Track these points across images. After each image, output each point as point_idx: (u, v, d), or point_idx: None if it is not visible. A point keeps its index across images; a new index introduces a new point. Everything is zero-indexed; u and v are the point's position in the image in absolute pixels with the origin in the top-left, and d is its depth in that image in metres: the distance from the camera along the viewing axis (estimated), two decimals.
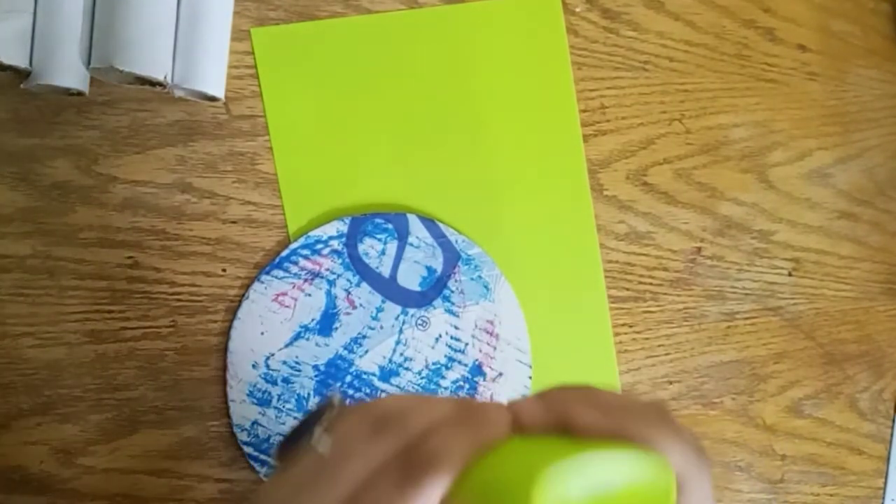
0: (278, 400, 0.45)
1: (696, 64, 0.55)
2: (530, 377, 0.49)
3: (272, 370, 0.45)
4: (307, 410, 0.30)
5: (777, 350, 0.57)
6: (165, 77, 0.41)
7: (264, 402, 0.45)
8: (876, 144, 0.61)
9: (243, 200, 0.46)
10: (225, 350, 0.44)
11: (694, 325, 0.54)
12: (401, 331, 0.47)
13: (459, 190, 0.49)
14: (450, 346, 0.47)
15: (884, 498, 0.60)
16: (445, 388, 0.47)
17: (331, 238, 0.46)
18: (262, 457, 0.45)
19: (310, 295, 0.46)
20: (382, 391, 0.46)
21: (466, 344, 0.48)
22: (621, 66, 0.53)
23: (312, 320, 0.46)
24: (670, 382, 0.54)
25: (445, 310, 0.47)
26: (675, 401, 0.54)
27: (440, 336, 0.47)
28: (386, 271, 0.47)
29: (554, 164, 0.51)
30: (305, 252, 0.45)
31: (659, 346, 0.53)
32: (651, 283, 0.53)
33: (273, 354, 0.45)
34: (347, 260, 0.46)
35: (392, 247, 0.47)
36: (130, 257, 0.44)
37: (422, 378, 0.47)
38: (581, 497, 0.19)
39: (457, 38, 0.49)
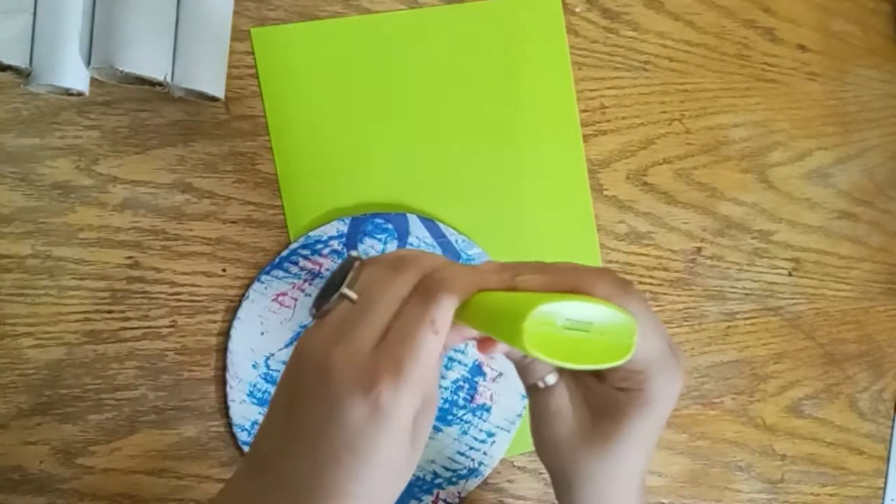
0: None
1: (696, 64, 0.55)
2: None
3: (272, 370, 0.45)
4: (330, 271, 0.32)
5: (777, 350, 0.57)
6: (165, 77, 0.41)
7: (264, 401, 0.45)
8: (876, 144, 0.61)
9: (243, 200, 0.46)
10: (225, 350, 0.44)
11: (694, 325, 0.55)
12: None
13: (459, 190, 0.49)
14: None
15: (884, 498, 0.60)
16: (445, 388, 0.47)
17: (331, 238, 0.46)
18: None
19: (310, 295, 0.45)
20: None
21: (466, 344, 0.48)
22: (621, 66, 0.53)
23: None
24: None
25: None
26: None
27: None
28: None
29: (554, 164, 0.51)
30: (305, 252, 0.45)
31: None
32: (651, 283, 0.53)
33: (273, 354, 0.45)
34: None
35: (392, 247, 0.47)
36: (130, 257, 0.44)
37: None
38: (561, 327, 0.25)
39: (457, 38, 0.49)
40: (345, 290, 0.28)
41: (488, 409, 0.48)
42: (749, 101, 0.56)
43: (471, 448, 0.48)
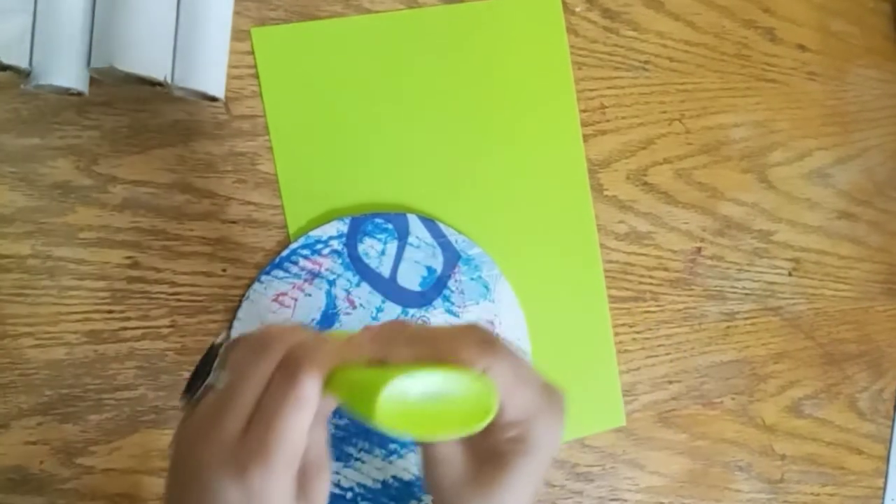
0: None
1: (696, 64, 0.55)
2: None
3: None
4: (201, 358, 0.33)
5: (777, 350, 0.57)
6: (165, 77, 0.41)
7: None
8: (875, 144, 0.61)
9: (243, 200, 0.46)
10: None
11: (694, 324, 0.55)
12: None
13: (459, 190, 0.49)
14: None
15: (883, 497, 0.60)
16: None
17: (331, 238, 0.46)
18: None
19: (310, 295, 0.45)
20: None
21: None
22: (621, 65, 0.53)
23: (312, 320, 0.46)
24: (670, 382, 0.54)
25: (445, 310, 0.47)
26: (676, 400, 0.54)
27: None
28: (386, 271, 0.47)
29: (554, 164, 0.51)
30: (305, 252, 0.45)
31: (659, 345, 0.54)
32: (651, 283, 0.53)
33: None
34: (347, 260, 0.46)
35: (392, 247, 0.47)
36: (130, 257, 0.44)
37: None
38: (416, 399, 0.26)
39: (457, 38, 0.49)
40: (213, 380, 0.29)
41: None
42: (749, 101, 0.56)
43: None
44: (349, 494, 0.46)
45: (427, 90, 0.49)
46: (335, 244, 0.46)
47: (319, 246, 0.46)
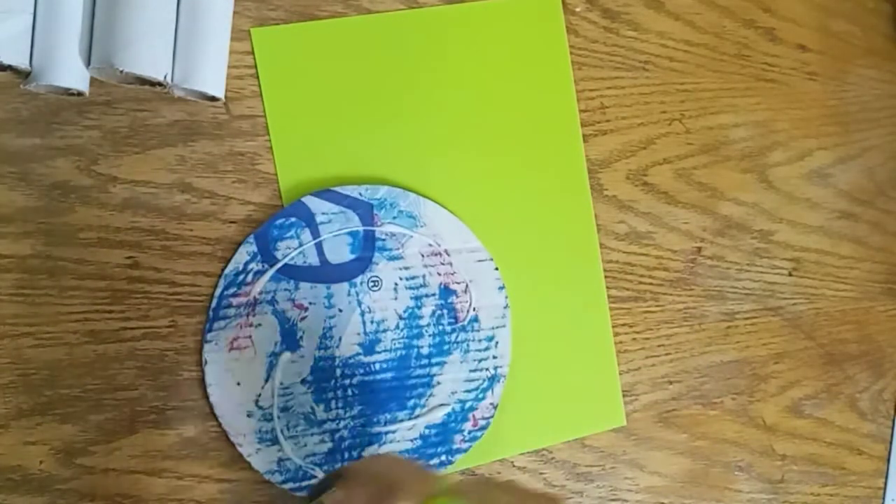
0: (287, 429, 0.45)
1: (697, 64, 0.55)
2: (496, 269, 0.48)
3: (266, 409, 0.44)
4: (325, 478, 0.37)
5: (777, 350, 0.57)
6: (165, 77, 0.41)
7: (275, 440, 0.44)
8: (876, 144, 0.61)
9: (243, 200, 0.46)
10: (212, 410, 0.44)
11: (694, 325, 0.54)
12: (359, 303, 0.46)
13: (459, 189, 0.49)
14: (410, 288, 0.47)
15: (884, 498, 0.60)
16: (428, 325, 0.47)
17: (247, 263, 0.45)
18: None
19: (260, 325, 0.44)
20: (372, 364, 0.46)
21: (423, 276, 0.47)
22: (621, 65, 0.53)
23: (276, 344, 0.45)
24: (670, 382, 0.54)
25: (387, 258, 0.47)
26: (675, 401, 0.54)
27: (396, 285, 0.47)
28: (315, 260, 0.46)
29: (554, 164, 0.51)
30: (231, 291, 0.44)
31: (659, 346, 0.53)
32: (651, 283, 0.53)
33: (259, 394, 0.44)
34: (273, 272, 0.45)
35: (306, 235, 0.46)
36: (130, 257, 0.44)
37: (401, 330, 0.46)
38: None
39: (457, 38, 0.49)
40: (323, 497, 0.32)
41: (476, 319, 0.48)
42: (749, 101, 0.56)
43: (479, 361, 0.48)
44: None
45: (427, 90, 0.49)
46: (254, 266, 0.45)
47: (240, 277, 0.45)
